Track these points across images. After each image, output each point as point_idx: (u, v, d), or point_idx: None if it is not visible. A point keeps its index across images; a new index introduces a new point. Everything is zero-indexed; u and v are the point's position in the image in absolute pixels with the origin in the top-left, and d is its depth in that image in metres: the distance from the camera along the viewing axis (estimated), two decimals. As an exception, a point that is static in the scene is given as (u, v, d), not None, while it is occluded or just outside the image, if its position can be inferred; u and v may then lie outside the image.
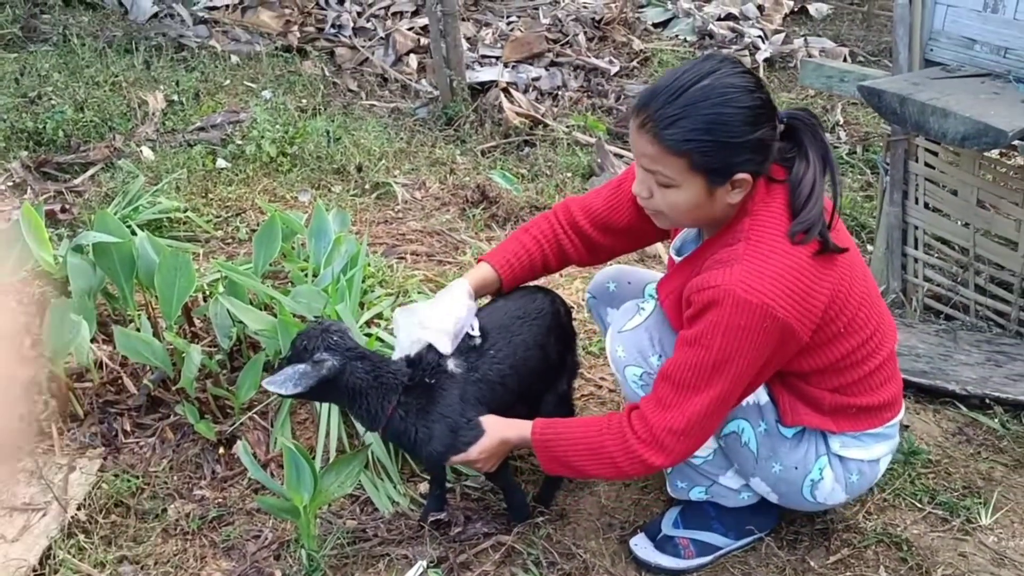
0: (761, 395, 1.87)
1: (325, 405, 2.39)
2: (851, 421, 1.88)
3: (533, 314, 2.09)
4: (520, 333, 2.04)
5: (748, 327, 1.64)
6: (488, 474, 2.07)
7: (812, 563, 2.07)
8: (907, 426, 2.49)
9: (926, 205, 3.00)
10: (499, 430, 1.94)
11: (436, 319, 1.95)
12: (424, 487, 2.28)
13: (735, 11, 6.33)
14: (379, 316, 2.78)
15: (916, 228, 3.05)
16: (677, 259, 1.93)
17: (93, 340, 2.53)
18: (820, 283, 1.68)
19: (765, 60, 5.67)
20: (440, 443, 1.92)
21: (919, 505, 2.23)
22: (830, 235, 1.70)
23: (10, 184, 3.86)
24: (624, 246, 2.17)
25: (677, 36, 6.04)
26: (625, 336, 1.92)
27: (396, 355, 2.00)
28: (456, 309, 1.97)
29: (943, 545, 2.12)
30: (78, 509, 2.19)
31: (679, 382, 1.72)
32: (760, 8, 6.48)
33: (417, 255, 3.47)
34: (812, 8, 6.78)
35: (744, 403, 1.85)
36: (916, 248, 3.07)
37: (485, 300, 2.17)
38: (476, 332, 1.99)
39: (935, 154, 2.93)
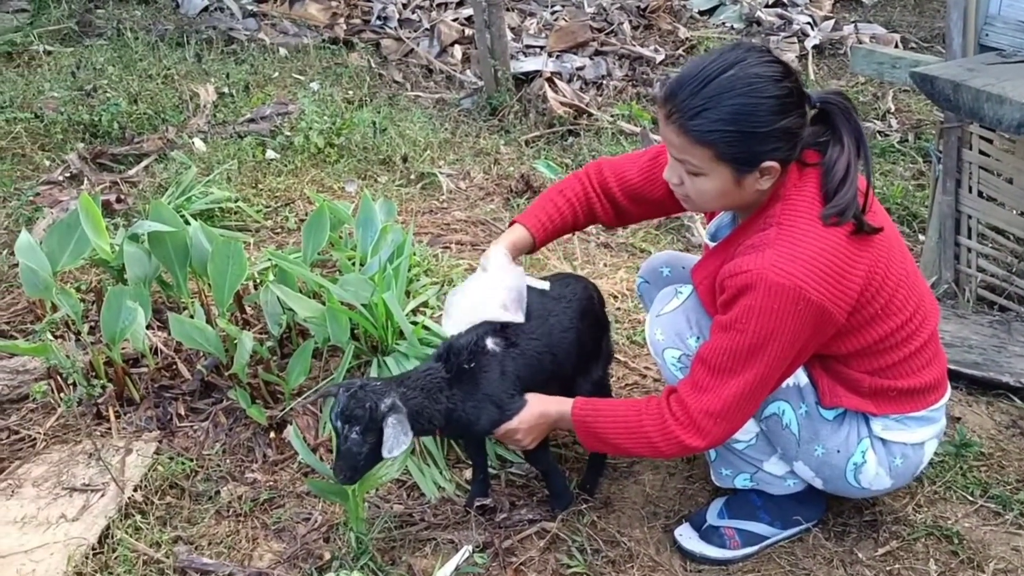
0: (801, 377, 1.86)
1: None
2: (892, 404, 1.86)
3: (568, 297, 2.13)
4: (555, 315, 2.08)
5: (782, 310, 1.64)
6: (529, 456, 2.10)
7: (860, 555, 2.05)
8: (959, 418, 2.45)
9: (980, 194, 2.94)
10: (540, 403, 1.97)
11: (491, 297, 1.97)
12: (469, 473, 2.31)
13: (783, -3, 6.24)
14: (424, 304, 2.81)
15: (969, 217, 2.99)
16: (711, 244, 1.94)
17: (148, 326, 2.61)
18: (855, 264, 1.68)
19: (814, 47, 5.59)
20: (488, 421, 1.97)
21: (971, 498, 2.20)
22: (864, 217, 1.69)
23: (67, 175, 3.97)
24: (652, 214, 2.22)
25: (724, 23, 5.97)
26: (663, 319, 1.94)
27: (450, 331, 2.05)
28: (503, 282, 2.00)
29: (995, 539, 2.08)
30: (135, 490, 2.25)
31: (715, 366, 1.73)
32: (809, -6, 6.38)
33: (462, 244, 3.49)
34: (863, -6, 6.65)
35: (784, 385, 1.84)
36: (969, 238, 3.00)
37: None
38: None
39: (990, 141, 2.87)
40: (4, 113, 4.43)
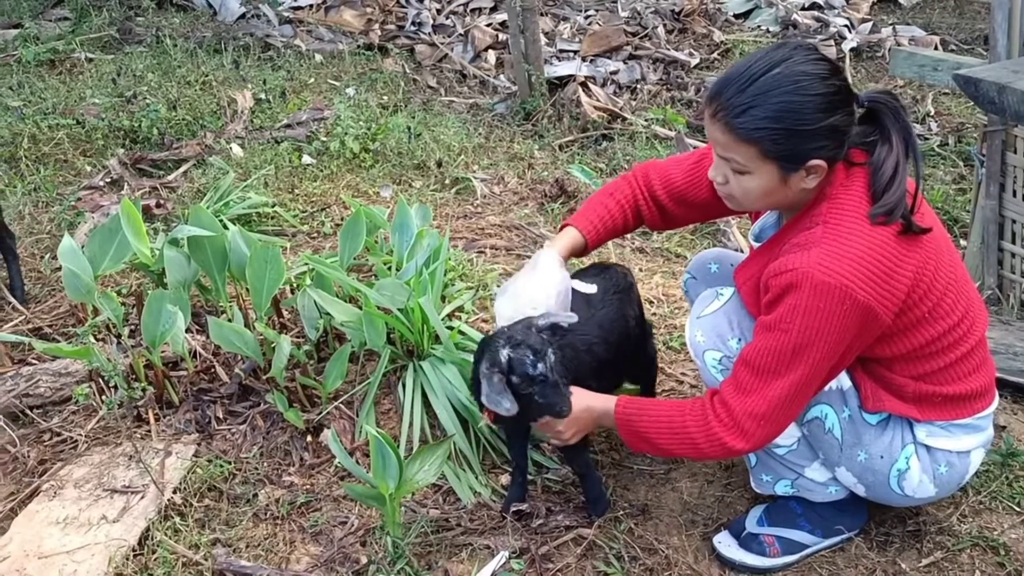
0: (844, 380, 1.84)
1: (409, 395, 2.43)
2: (937, 410, 1.83)
3: (610, 288, 2.19)
4: (603, 306, 2.14)
5: (828, 310, 1.63)
6: (568, 454, 2.12)
7: (903, 565, 2.01)
8: (1004, 427, 2.40)
9: (1025, 198, 2.88)
10: (585, 398, 1.96)
11: (539, 298, 1.97)
12: (505, 479, 2.30)
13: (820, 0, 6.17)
14: (460, 309, 2.81)
15: (1014, 222, 2.93)
16: (756, 245, 1.92)
17: (188, 330, 2.63)
18: (902, 265, 1.66)
19: (852, 50, 5.51)
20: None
21: (1017, 508, 2.15)
22: (913, 217, 1.68)
23: (108, 180, 4.03)
24: (697, 218, 2.23)
25: (759, 27, 5.92)
26: (704, 321, 1.93)
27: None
28: (552, 281, 1.99)
29: (1043, 551, 2.04)
30: (174, 492, 2.28)
31: (759, 367, 1.72)
32: (846, -4, 6.30)
33: (496, 249, 3.49)
34: (901, -5, 6.56)
35: (827, 388, 1.82)
36: (1014, 243, 2.94)
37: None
38: (591, 289, 2.08)
39: (1035, 144, 2.81)
40: (47, 119, 4.51)
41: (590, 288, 2.08)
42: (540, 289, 1.98)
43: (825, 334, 1.65)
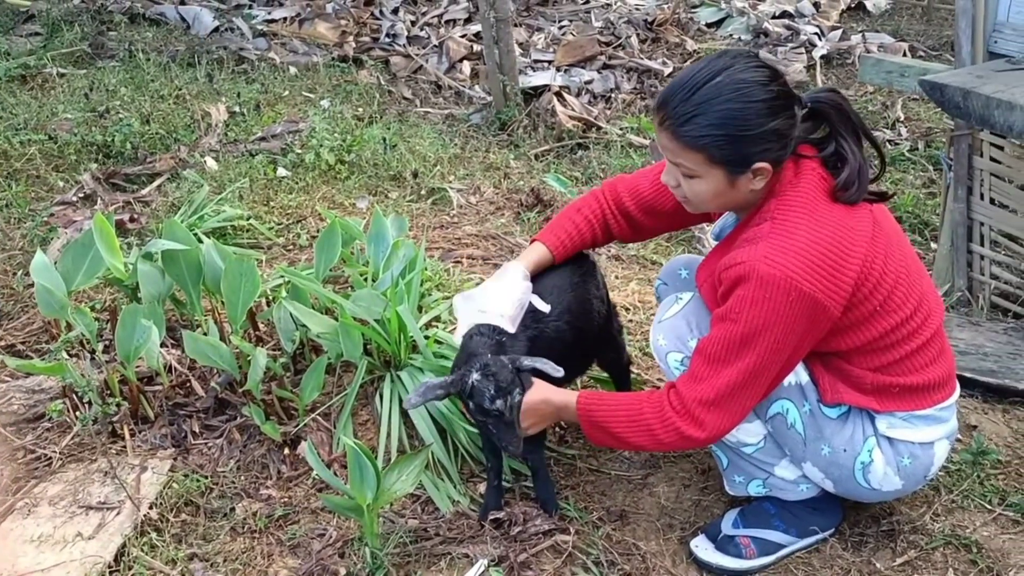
0: (802, 375, 1.89)
1: (386, 406, 2.43)
2: (896, 401, 1.86)
3: (578, 271, 2.23)
4: (573, 289, 2.18)
5: (774, 300, 1.69)
6: (524, 448, 2.11)
7: (878, 565, 2.03)
8: (975, 426, 2.44)
9: (992, 201, 2.93)
10: (544, 390, 2.00)
11: (495, 303, 2.03)
12: (483, 487, 2.31)
13: (790, 8, 6.25)
14: (437, 319, 2.81)
15: (982, 225, 2.98)
16: (715, 243, 1.98)
17: (162, 345, 2.62)
18: (848, 258, 1.72)
19: (822, 57, 5.59)
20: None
21: (989, 507, 2.18)
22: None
23: (81, 196, 4.00)
24: (667, 227, 2.26)
25: (731, 35, 5.98)
26: (664, 325, 1.99)
27: (456, 338, 2.09)
28: (513, 291, 2.05)
29: (1015, 548, 2.06)
30: (150, 508, 2.26)
31: (711, 356, 1.77)
32: (816, 5, 6.39)
33: (473, 259, 3.50)
34: (870, 3, 6.66)
35: (786, 383, 1.86)
36: (982, 245, 2.99)
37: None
38: (546, 308, 2.09)
39: (1000, 148, 2.86)
40: (19, 135, 4.47)
41: (545, 307, 2.10)
42: (499, 298, 2.04)
43: (772, 324, 1.70)
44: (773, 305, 1.69)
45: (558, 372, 1.94)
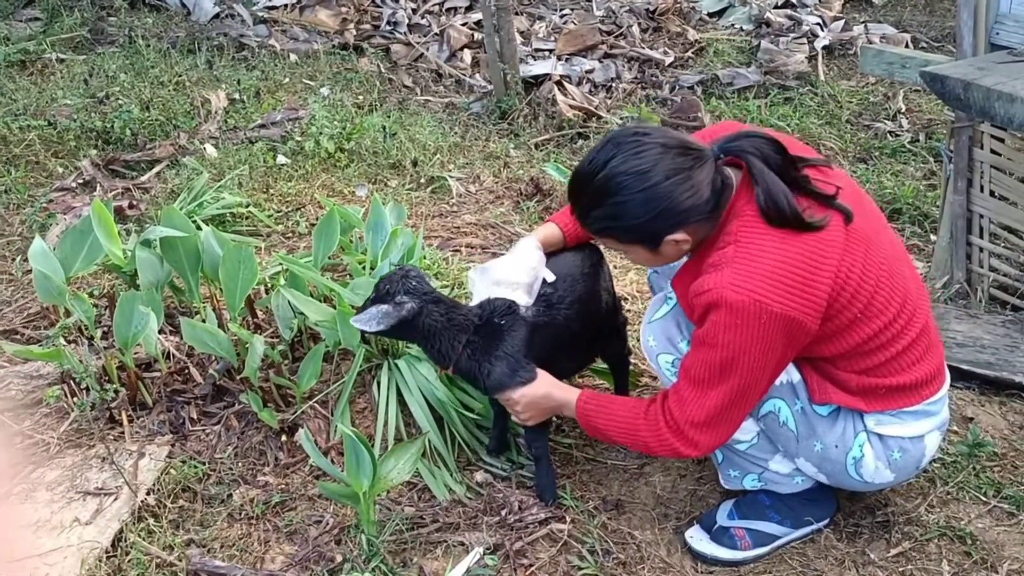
0: (793, 374, 1.88)
1: (384, 394, 2.43)
2: (883, 401, 1.86)
3: (586, 262, 2.24)
4: (583, 279, 2.20)
5: (747, 325, 1.68)
6: (526, 437, 2.19)
7: (872, 556, 2.04)
8: (971, 418, 2.44)
9: (992, 193, 2.93)
10: (547, 385, 2.03)
11: (511, 274, 2.06)
12: (480, 475, 2.31)
13: (793, -2, 6.22)
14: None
15: (981, 217, 2.97)
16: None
17: (161, 331, 2.62)
18: (819, 271, 1.69)
19: (824, 48, 5.57)
20: (495, 380, 2.04)
21: (984, 499, 2.18)
22: (814, 213, 1.71)
23: (80, 182, 4.00)
24: None
25: (733, 25, 5.96)
26: (654, 325, 1.99)
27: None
28: (528, 261, 2.08)
29: (1009, 540, 2.07)
30: (148, 494, 2.27)
31: (695, 378, 1.78)
32: (818, -5, 6.35)
33: (472, 248, 3.50)
34: (873, -6, 6.62)
35: (777, 382, 1.86)
36: (981, 237, 2.99)
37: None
38: (551, 277, 2.12)
39: (1001, 140, 2.85)
40: (18, 121, 4.46)
41: (551, 276, 2.14)
42: (513, 267, 2.08)
43: (750, 347, 1.70)
44: (747, 331, 1.68)
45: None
